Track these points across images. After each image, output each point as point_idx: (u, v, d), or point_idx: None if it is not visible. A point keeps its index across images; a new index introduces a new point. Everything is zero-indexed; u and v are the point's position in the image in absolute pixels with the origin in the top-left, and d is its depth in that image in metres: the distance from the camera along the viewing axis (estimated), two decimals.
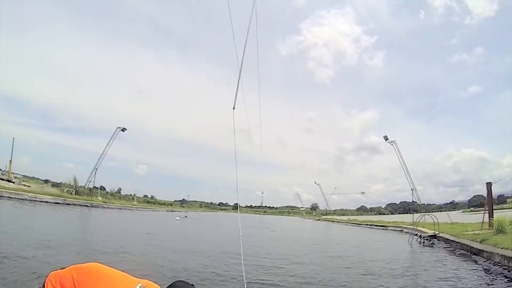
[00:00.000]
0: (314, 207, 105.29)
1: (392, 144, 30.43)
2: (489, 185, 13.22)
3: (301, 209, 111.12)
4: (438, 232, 13.83)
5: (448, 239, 12.27)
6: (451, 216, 20.40)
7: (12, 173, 36.39)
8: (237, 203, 59.61)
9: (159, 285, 1.85)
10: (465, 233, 12.01)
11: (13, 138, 37.40)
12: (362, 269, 8.00)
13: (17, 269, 4.93)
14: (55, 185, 39.19)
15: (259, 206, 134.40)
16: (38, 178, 54.59)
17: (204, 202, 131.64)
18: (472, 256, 9.29)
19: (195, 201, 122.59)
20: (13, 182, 32.08)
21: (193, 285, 1.81)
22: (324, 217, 67.01)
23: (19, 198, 17.38)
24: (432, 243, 13.45)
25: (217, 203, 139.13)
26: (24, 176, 48.25)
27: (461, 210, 56.24)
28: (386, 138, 30.89)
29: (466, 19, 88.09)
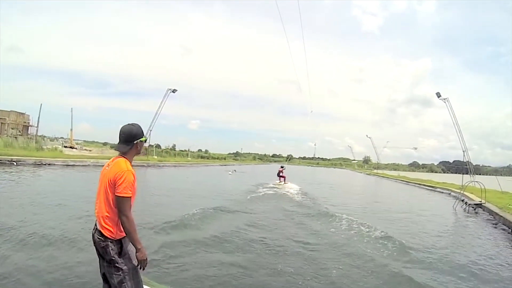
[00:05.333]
0: (366, 160, 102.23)
1: (445, 102, 26.64)
2: None
3: (353, 161, 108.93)
4: (484, 201, 12.80)
5: (492, 211, 11.42)
6: (506, 181, 18.09)
7: (73, 139, 39.91)
8: (290, 155, 60.35)
9: None
10: (510, 206, 10.96)
11: (71, 108, 39.93)
12: (405, 222, 9.75)
13: None
14: (114, 146, 44.51)
15: (312, 157, 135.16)
16: (97, 142, 61.43)
17: (257, 154, 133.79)
18: None
19: (249, 153, 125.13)
20: (76, 148, 35.88)
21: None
22: (375, 171, 65.10)
23: (82, 165, 19.68)
24: (476, 212, 12.62)
25: (270, 155, 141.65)
26: (84, 141, 54.30)
27: None
28: (438, 95, 26.98)
29: None
